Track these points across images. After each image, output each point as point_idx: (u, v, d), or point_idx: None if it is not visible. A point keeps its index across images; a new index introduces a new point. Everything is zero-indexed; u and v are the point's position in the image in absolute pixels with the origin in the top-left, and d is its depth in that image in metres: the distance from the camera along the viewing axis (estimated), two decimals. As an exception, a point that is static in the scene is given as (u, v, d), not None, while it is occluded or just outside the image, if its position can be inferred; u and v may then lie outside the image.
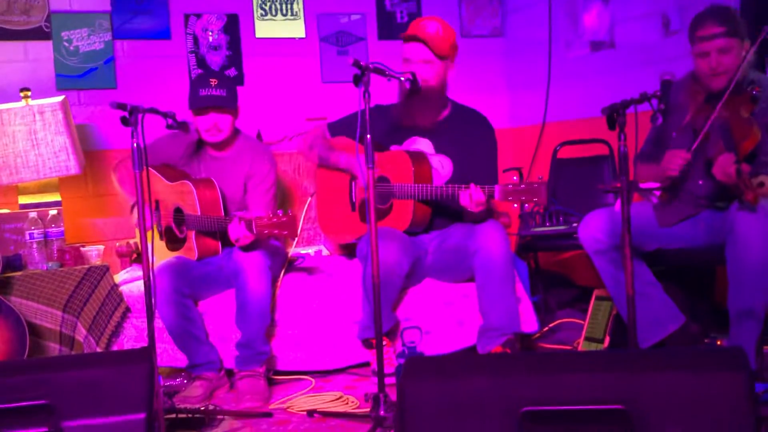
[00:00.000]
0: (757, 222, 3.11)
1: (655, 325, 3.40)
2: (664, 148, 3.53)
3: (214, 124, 3.70)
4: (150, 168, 3.27)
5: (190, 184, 3.67)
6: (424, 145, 3.77)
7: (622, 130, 2.74)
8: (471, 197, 3.32)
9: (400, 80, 3.27)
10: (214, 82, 3.70)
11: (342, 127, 3.91)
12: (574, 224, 4.19)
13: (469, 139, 3.74)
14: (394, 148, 3.78)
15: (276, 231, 3.27)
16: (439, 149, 3.75)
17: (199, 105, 3.68)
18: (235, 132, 3.85)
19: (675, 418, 1.80)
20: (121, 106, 2.99)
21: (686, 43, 4.01)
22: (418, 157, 3.68)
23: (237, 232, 3.42)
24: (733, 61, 3.28)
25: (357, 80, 2.94)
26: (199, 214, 3.62)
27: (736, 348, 1.92)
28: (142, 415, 2.19)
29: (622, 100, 2.77)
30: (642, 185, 3.22)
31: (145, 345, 3.31)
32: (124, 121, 3.02)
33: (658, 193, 3.24)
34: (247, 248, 3.54)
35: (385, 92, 3.77)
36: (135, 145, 3.01)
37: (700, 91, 3.38)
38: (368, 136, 2.95)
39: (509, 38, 5.66)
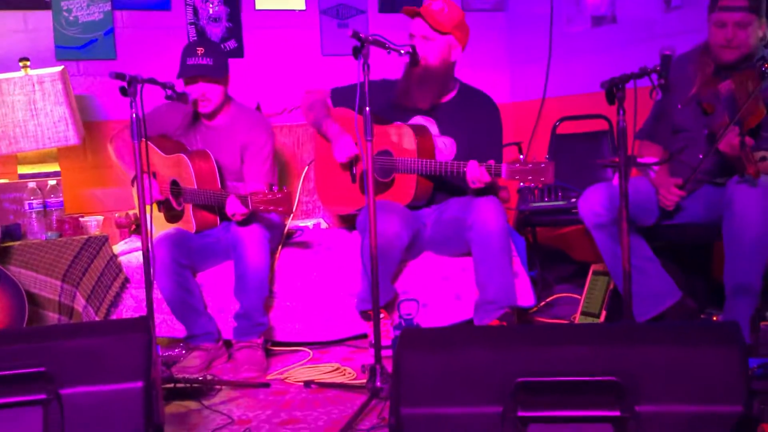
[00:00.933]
0: (754, 197, 3.12)
1: (651, 299, 3.42)
2: (667, 124, 3.53)
3: (203, 94, 3.69)
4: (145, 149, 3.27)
5: (186, 157, 3.66)
6: (428, 125, 3.76)
7: (621, 104, 2.74)
8: (475, 175, 3.33)
9: (399, 53, 3.26)
10: (200, 50, 3.67)
11: (345, 96, 3.88)
12: (573, 199, 4.20)
13: (475, 121, 3.72)
14: (397, 122, 3.77)
15: (271, 207, 3.28)
16: (443, 130, 3.73)
17: (186, 74, 3.67)
18: (228, 101, 3.83)
19: (668, 390, 1.82)
20: (120, 76, 2.98)
21: (687, 19, 4.02)
22: (422, 132, 3.68)
23: (233, 207, 3.43)
24: (749, 37, 3.27)
25: (356, 52, 2.93)
26: (195, 187, 3.62)
27: (730, 322, 1.94)
28: (139, 384, 2.20)
29: (621, 75, 2.77)
30: (640, 160, 3.23)
31: (143, 315, 3.33)
32: (123, 92, 3.02)
33: (656, 168, 3.24)
34: (244, 222, 3.55)
35: (394, 67, 3.75)
36: (134, 115, 3.01)
37: (709, 63, 3.37)
38: (367, 108, 2.94)
39: (511, 12, 5.63)
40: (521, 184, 3.19)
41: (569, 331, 2.15)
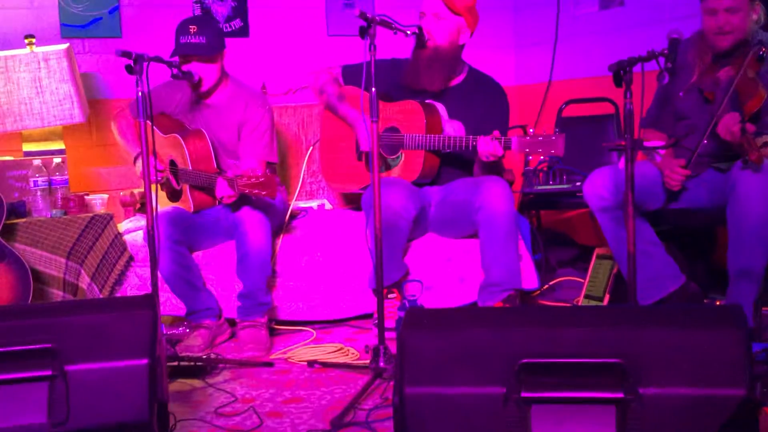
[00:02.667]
0: (758, 182, 3.12)
1: (655, 283, 3.42)
2: (670, 110, 3.53)
3: (196, 73, 3.67)
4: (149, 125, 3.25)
5: (180, 137, 3.65)
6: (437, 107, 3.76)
7: (629, 87, 2.74)
8: (488, 146, 3.33)
9: (406, 33, 3.26)
10: (193, 29, 3.64)
11: (356, 74, 3.84)
12: (578, 183, 4.20)
13: (483, 106, 3.72)
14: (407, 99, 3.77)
15: (256, 190, 3.26)
16: (451, 114, 3.73)
17: (178, 54, 3.65)
18: (225, 78, 3.82)
19: (671, 373, 1.83)
20: (126, 54, 2.97)
21: (695, 2, 3.98)
22: (430, 109, 3.67)
23: (222, 190, 3.43)
24: (741, 21, 3.27)
25: (363, 32, 2.93)
26: (190, 168, 3.62)
27: (734, 305, 1.94)
28: (144, 361, 2.22)
29: (629, 58, 2.77)
30: (646, 143, 3.23)
31: (149, 293, 3.34)
32: (129, 69, 3.01)
33: (662, 152, 3.24)
34: (242, 203, 3.53)
35: (403, 47, 3.73)
36: (140, 93, 3.00)
37: (707, 51, 3.37)
38: (373, 89, 2.94)
39: (518, -6, 5.61)
40: (529, 157, 3.19)
41: (573, 313, 2.16)
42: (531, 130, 3.16)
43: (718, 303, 3.56)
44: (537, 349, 1.89)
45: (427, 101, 3.72)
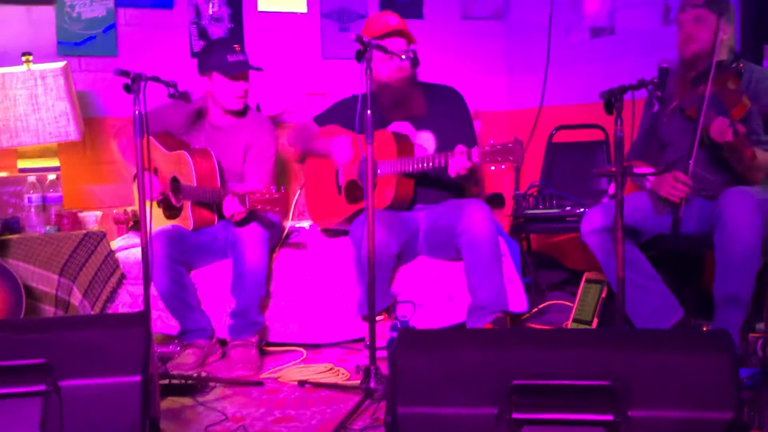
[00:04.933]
0: (745, 209, 3.18)
1: (655, 318, 3.46)
2: (655, 142, 3.60)
3: (245, 91, 3.77)
4: (149, 136, 3.30)
5: (187, 154, 3.69)
6: (403, 127, 3.86)
7: (619, 114, 2.79)
8: (455, 166, 3.41)
9: (401, 57, 3.33)
10: (237, 47, 3.74)
11: (328, 117, 4.02)
12: (567, 207, 4.25)
13: (445, 114, 3.85)
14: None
15: (268, 207, 3.30)
16: (419, 128, 3.84)
17: (236, 71, 3.71)
18: None
19: (660, 396, 1.86)
20: (124, 73, 3.01)
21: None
22: (401, 136, 3.77)
23: (231, 207, 3.45)
24: (707, 34, 3.39)
25: (359, 56, 2.96)
26: (195, 185, 3.65)
27: (721, 330, 1.97)
28: (137, 378, 2.24)
29: (619, 86, 2.82)
30: (636, 170, 3.28)
31: (141, 310, 3.35)
32: (127, 89, 3.04)
33: (652, 178, 3.29)
34: (242, 221, 3.58)
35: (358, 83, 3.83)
36: (137, 112, 3.03)
37: (687, 74, 3.45)
38: (368, 111, 2.98)
39: (510, 21, 5.67)
40: (492, 167, 3.23)
41: (564, 335, 2.19)
42: (491, 141, 3.20)
43: (704, 329, 3.59)
44: (528, 371, 1.91)
45: (395, 131, 3.80)
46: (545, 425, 1.88)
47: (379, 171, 3.71)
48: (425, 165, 3.55)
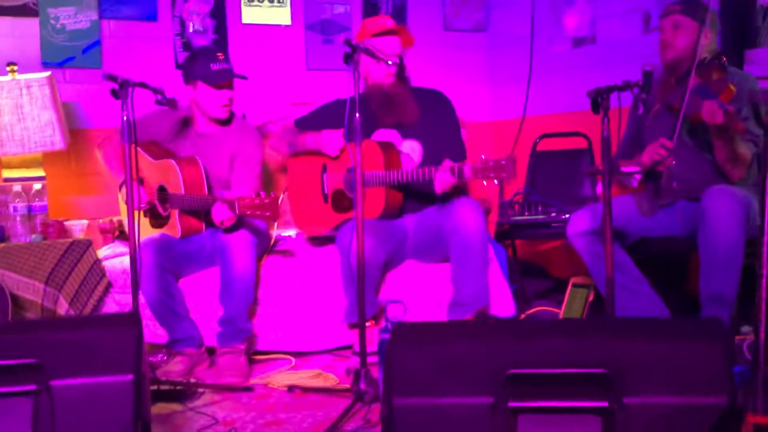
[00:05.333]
0: (728, 208, 3.22)
1: None
2: (642, 147, 3.63)
3: (230, 99, 3.77)
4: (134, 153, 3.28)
5: (174, 162, 3.69)
6: (390, 135, 3.85)
7: (606, 114, 2.82)
8: (441, 182, 3.41)
9: (388, 63, 3.35)
10: (221, 56, 3.75)
11: (309, 122, 4.00)
12: (552, 214, 4.28)
13: (433, 120, 3.84)
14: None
15: (258, 212, 3.30)
16: (405, 135, 3.82)
17: (219, 80, 3.72)
18: None
19: (655, 383, 1.86)
20: (112, 78, 3.01)
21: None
22: (387, 146, 3.76)
23: (221, 214, 3.45)
24: (685, 39, 3.46)
25: (347, 59, 2.98)
26: (183, 193, 3.64)
27: (714, 318, 1.99)
28: (129, 377, 2.22)
29: (606, 86, 2.85)
30: (623, 168, 3.31)
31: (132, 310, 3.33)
32: (114, 94, 3.04)
33: (638, 177, 3.33)
34: (230, 229, 3.57)
35: (343, 87, 3.85)
36: (124, 118, 3.03)
37: (669, 79, 3.50)
38: (357, 114, 2.99)
39: (492, 33, 5.73)
40: (484, 182, 3.25)
41: (559, 325, 2.20)
42: (482, 156, 3.23)
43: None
44: (524, 360, 1.92)
45: (382, 138, 3.80)
46: (541, 413, 1.88)
47: (367, 182, 3.70)
48: (412, 178, 3.55)
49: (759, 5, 4.02)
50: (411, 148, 3.82)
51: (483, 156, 3.21)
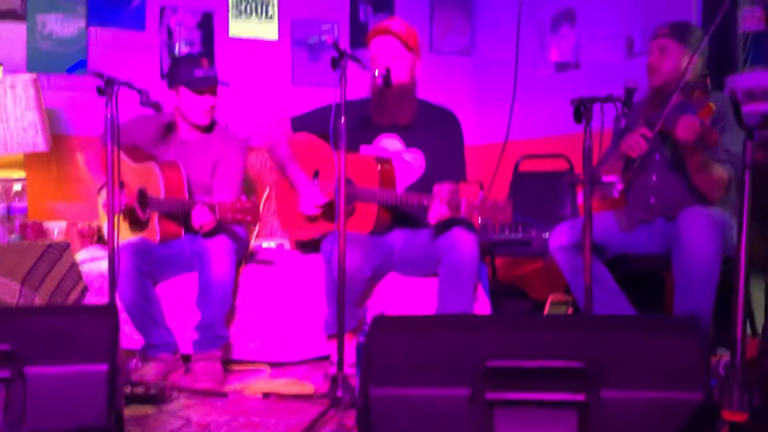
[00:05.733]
0: (703, 228, 3.24)
1: None
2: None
3: (211, 106, 3.77)
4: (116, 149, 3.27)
5: (156, 165, 3.68)
6: (393, 143, 3.83)
7: (588, 123, 2.85)
8: (436, 214, 3.39)
9: (375, 72, 3.36)
10: (205, 62, 3.76)
11: (306, 122, 3.94)
12: (533, 233, 4.29)
13: (438, 136, 3.80)
14: (363, 148, 3.82)
15: (239, 216, 3.30)
16: (409, 144, 3.81)
17: (202, 86, 3.72)
18: None
19: (632, 377, 1.87)
20: (98, 75, 3.02)
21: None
22: (384, 162, 3.74)
23: (200, 218, 3.44)
24: (672, 64, 3.51)
25: (335, 63, 3.00)
26: (163, 196, 3.63)
27: (690, 316, 2.01)
28: (104, 366, 2.20)
29: (590, 96, 2.88)
30: (604, 178, 3.34)
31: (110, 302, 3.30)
32: (100, 91, 3.05)
33: (619, 187, 3.35)
34: (209, 234, 3.56)
35: (355, 87, 3.83)
36: (108, 115, 3.03)
37: (654, 102, 3.54)
38: (342, 119, 3.00)
39: (477, 56, 5.78)
40: (479, 219, 3.26)
41: (538, 319, 2.20)
42: (481, 193, 3.24)
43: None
44: (502, 352, 1.92)
45: (381, 150, 3.79)
46: (518, 406, 1.87)
47: (360, 197, 3.70)
48: (407, 203, 3.53)
49: (741, 32, 4.08)
50: (413, 158, 3.79)
51: (481, 193, 3.22)
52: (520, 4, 5.34)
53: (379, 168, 3.67)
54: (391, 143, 3.82)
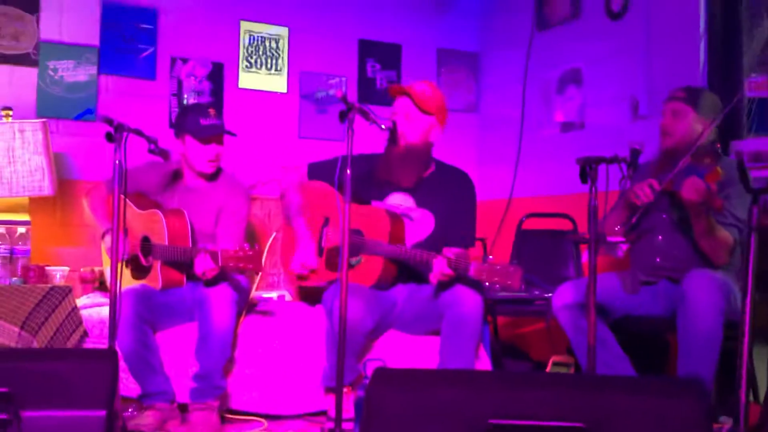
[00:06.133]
0: (707, 291, 3.23)
1: None
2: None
3: (217, 155, 3.79)
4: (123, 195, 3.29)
5: (160, 213, 3.70)
6: (404, 200, 3.83)
7: (594, 183, 2.86)
8: (439, 274, 3.39)
9: (381, 127, 3.38)
10: (212, 111, 3.78)
11: (322, 169, 3.94)
12: (535, 292, 4.28)
13: (450, 197, 3.79)
14: (374, 203, 3.83)
15: (241, 264, 3.30)
16: (420, 205, 3.81)
17: (207, 134, 3.74)
18: None
19: (634, 439, 1.85)
20: (108, 121, 3.03)
21: (654, 128, 4.21)
22: (396, 219, 3.74)
23: (203, 265, 3.44)
24: (685, 128, 3.51)
25: (342, 116, 3.02)
26: (166, 243, 3.63)
27: (695, 378, 1.99)
28: (102, 413, 2.18)
29: (595, 156, 2.90)
30: (609, 238, 3.34)
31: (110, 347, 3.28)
32: (109, 137, 3.05)
33: (624, 247, 3.35)
34: (211, 282, 3.55)
35: (372, 141, 3.85)
36: (117, 162, 3.04)
37: (664, 162, 3.55)
38: (348, 171, 3.02)
39: (483, 114, 5.84)
40: (486, 284, 3.25)
41: (541, 377, 2.18)
42: (490, 257, 3.25)
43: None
44: (504, 411, 1.90)
45: (394, 206, 3.79)
46: (519, 465, 1.85)
47: (368, 249, 3.70)
48: (413, 259, 3.53)
49: (745, 98, 4.12)
50: (422, 218, 3.79)
51: (491, 257, 3.22)
52: (526, 63, 5.41)
53: (389, 221, 3.67)
54: (402, 200, 3.82)
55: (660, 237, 3.43)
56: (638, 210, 3.39)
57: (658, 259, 3.52)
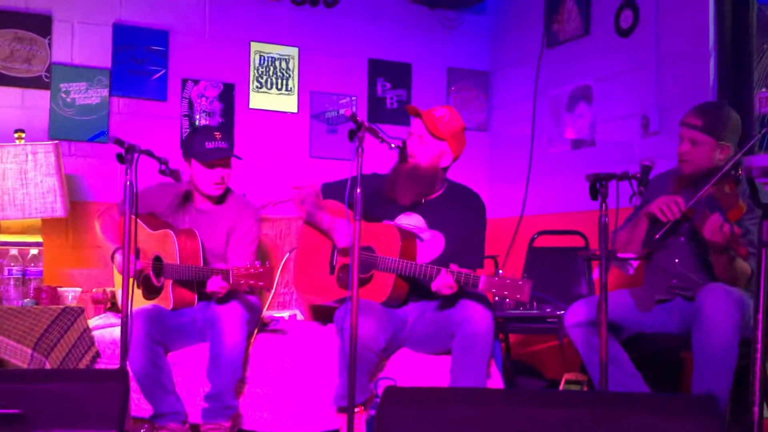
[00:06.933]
0: (722, 306, 3.21)
1: None
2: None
3: (222, 178, 3.79)
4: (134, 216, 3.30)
5: (172, 233, 3.71)
6: (415, 220, 3.82)
7: (604, 200, 2.85)
8: (440, 284, 3.39)
9: (390, 146, 3.38)
10: (218, 135, 3.79)
11: (335, 190, 3.95)
12: (547, 309, 4.26)
13: (461, 218, 3.78)
14: (386, 222, 3.83)
15: (252, 281, 3.31)
16: (431, 225, 3.81)
17: (211, 158, 3.75)
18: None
19: (648, 458, 1.83)
20: (119, 142, 3.06)
21: (664, 145, 4.22)
22: (408, 236, 3.74)
23: (215, 284, 3.45)
24: (703, 156, 3.46)
25: (351, 135, 3.03)
26: (178, 263, 3.64)
27: (708, 396, 1.97)
28: (113, 433, 2.18)
29: (606, 172, 2.89)
30: (620, 255, 3.32)
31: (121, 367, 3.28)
32: (120, 159, 3.08)
33: (635, 263, 3.34)
34: (222, 300, 3.56)
35: (386, 162, 3.86)
36: (127, 183, 3.06)
37: (683, 180, 3.52)
38: (358, 190, 3.02)
39: (493, 132, 5.84)
40: (496, 297, 3.25)
41: (554, 395, 2.17)
42: (500, 271, 3.24)
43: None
44: (517, 430, 1.89)
45: (406, 223, 3.79)
46: (532, 484, 1.84)
47: (378, 266, 3.70)
48: (422, 273, 3.52)
49: (756, 114, 4.11)
50: (433, 239, 3.78)
51: (501, 271, 3.21)
52: (536, 81, 5.42)
53: (400, 238, 3.67)
54: (414, 221, 3.82)
55: (677, 260, 3.41)
56: (663, 226, 3.36)
57: (674, 281, 3.49)
